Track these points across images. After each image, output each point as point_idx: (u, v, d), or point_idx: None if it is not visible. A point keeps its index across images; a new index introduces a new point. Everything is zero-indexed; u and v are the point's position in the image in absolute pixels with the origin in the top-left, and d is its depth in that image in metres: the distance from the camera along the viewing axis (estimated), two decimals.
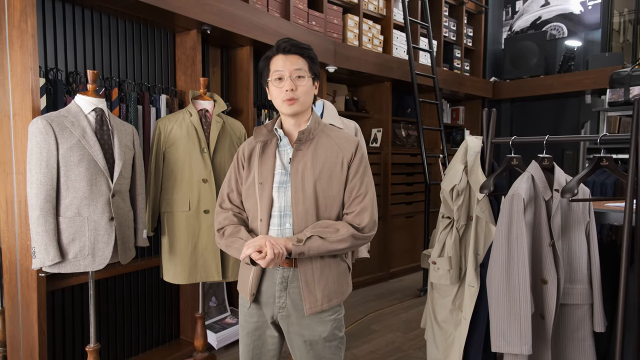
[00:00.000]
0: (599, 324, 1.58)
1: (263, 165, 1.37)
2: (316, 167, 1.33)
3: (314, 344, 1.37)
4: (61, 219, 1.74)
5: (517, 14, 5.53)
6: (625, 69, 3.22)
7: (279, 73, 1.32)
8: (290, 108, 1.33)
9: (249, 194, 1.39)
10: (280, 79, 1.33)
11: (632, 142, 1.42)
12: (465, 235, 1.92)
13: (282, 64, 1.32)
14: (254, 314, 1.43)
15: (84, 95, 1.83)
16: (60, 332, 2.23)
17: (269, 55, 1.36)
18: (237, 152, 1.46)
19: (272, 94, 1.36)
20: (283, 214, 1.34)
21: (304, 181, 1.32)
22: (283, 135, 1.39)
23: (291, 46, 1.33)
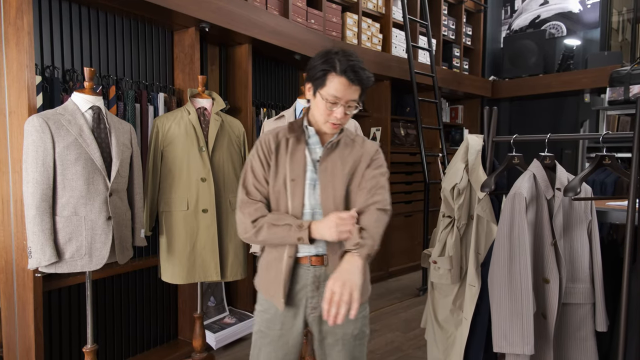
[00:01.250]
0: (601, 323, 1.57)
1: (294, 162, 1.34)
2: (345, 167, 1.35)
3: (346, 342, 1.38)
4: (58, 219, 1.72)
5: (516, 12, 5.52)
6: (625, 68, 3.22)
7: (336, 99, 1.27)
8: (332, 130, 1.33)
9: (278, 190, 1.34)
10: (334, 104, 1.28)
11: (636, 140, 1.41)
12: (466, 235, 1.91)
13: (343, 93, 1.27)
14: (277, 321, 1.37)
15: (80, 93, 1.81)
16: (57, 332, 2.21)
17: (329, 69, 1.26)
18: (259, 142, 1.38)
19: (319, 107, 1.31)
20: (313, 212, 1.33)
21: (335, 180, 1.33)
22: (314, 133, 1.36)
23: (357, 79, 1.27)
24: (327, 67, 1.26)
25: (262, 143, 1.38)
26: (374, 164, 1.38)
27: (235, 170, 2.31)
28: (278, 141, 1.37)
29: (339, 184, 1.33)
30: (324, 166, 1.33)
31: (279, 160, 1.35)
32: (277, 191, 1.34)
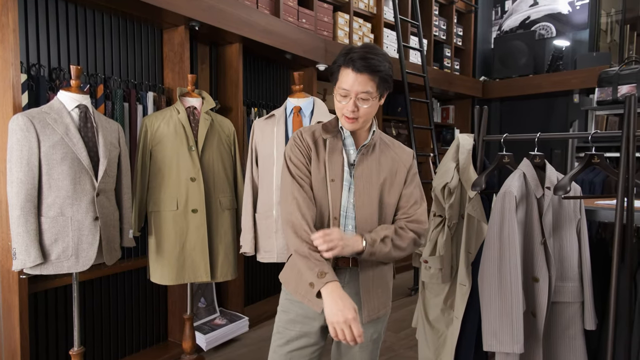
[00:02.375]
0: (589, 321, 1.58)
1: (333, 162, 1.31)
2: (381, 173, 1.33)
3: (365, 346, 1.36)
4: (43, 219, 1.69)
5: (507, 13, 5.55)
6: (613, 68, 3.25)
7: (345, 92, 1.25)
8: (349, 125, 1.29)
9: (319, 188, 1.31)
10: (345, 97, 1.26)
11: (624, 139, 1.42)
12: (456, 234, 1.91)
13: (350, 84, 1.23)
14: (297, 322, 1.34)
15: (67, 91, 1.78)
16: (43, 335, 2.17)
17: (339, 63, 1.26)
18: (295, 138, 1.34)
19: (335, 104, 1.31)
20: (346, 215, 1.31)
21: (370, 185, 1.31)
22: (349, 134, 1.34)
23: (364, 66, 1.21)
24: (339, 62, 1.26)
25: (299, 138, 1.34)
26: (410, 175, 1.37)
27: (225, 170, 2.29)
28: (315, 139, 1.34)
29: (374, 191, 1.31)
30: (360, 171, 1.31)
31: (319, 157, 1.32)
32: (317, 187, 1.31)
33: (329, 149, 1.32)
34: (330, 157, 1.31)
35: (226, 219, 2.27)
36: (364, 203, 1.30)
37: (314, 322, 1.34)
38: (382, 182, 1.33)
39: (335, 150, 1.32)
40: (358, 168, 1.31)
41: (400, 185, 1.36)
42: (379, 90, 1.26)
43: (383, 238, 1.26)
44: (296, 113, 2.11)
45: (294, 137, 1.36)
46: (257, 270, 3.42)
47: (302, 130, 1.37)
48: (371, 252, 1.25)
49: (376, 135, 1.36)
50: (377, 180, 1.32)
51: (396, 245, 1.28)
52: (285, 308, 1.38)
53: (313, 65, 3.47)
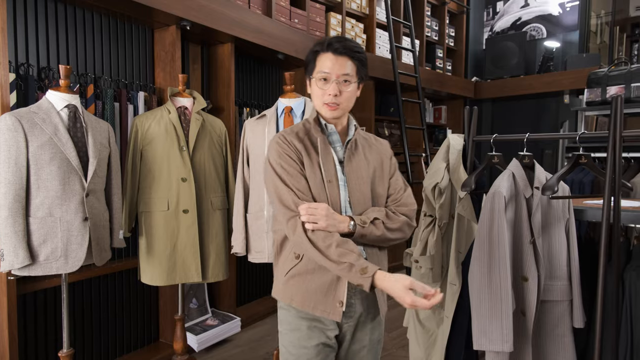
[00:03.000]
0: (578, 319, 1.60)
1: (327, 162, 1.27)
2: (369, 167, 1.33)
3: (371, 348, 1.35)
4: (31, 220, 1.67)
5: (498, 14, 5.59)
6: (602, 70, 3.28)
7: (325, 74, 1.24)
8: (330, 113, 1.27)
9: (318, 192, 1.25)
10: (325, 80, 1.25)
11: (610, 140, 1.44)
12: (447, 234, 1.92)
13: (331, 66, 1.24)
14: (313, 335, 1.26)
15: (56, 91, 1.77)
16: (32, 337, 2.15)
17: (317, 49, 1.27)
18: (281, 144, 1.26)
19: (314, 92, 1.28)
20: (345, 213, 1.27)
21: (362, 181, 1.30)
22: (334, 130, 1.31)
23: (343, 48, 1.24)
24: (314, 51, 1.27)
25: (285, 143, 1.27)
26: (393, 166, 1.40)
27: (217, 170, 2.28)
28: (301, 140, 1.29)
29: (366, 186, 1.30)
30: (350, 168, 1.30)
31: (312, 159, 1.27)
32: (316, 192, 1.25)
33: (321, 149, 1.28)
34: (324, 157, 1.28)
35: (217, 219, 2.26)
36: (359, 199, 1.28)
37: (331, 325, 1.28)
38: (372, 176, 1.33)
39: (326, 149, 1.29)
40: (348, 165, 1.30)
41: (387, 176, 1.37)
42: (358, 74, 1.28)
43: (374, 220, 1.25)
44: (287, 113, 2.11)
45: (278, 142, 1.27)
46: (249, 270, 3.42)
47: (285, 134, 1.30)
48: (362, 234, 1.22)
49: (358, 129, 1.36)
50: (367, 175, 1.32)
51: (388, 228, 1.26)
52: (294, 326, 1.29)
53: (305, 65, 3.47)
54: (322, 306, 1.23)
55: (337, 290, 1.22)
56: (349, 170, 1.29)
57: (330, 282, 1.23)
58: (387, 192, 1.36)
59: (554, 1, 5.14)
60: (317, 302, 1.23)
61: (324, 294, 1.23)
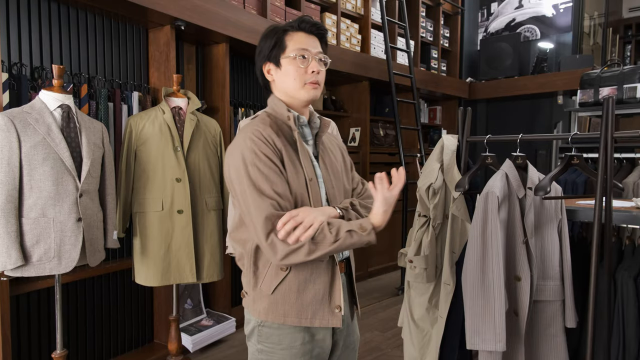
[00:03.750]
0: (570, 319, 1.61)
1: (306, 159, 1.17)
2: (337, 160, 1.28)
3: (355, 348, 1.31)
4: (24, 220, 1.66)
5: (492, 15, 5.62)
6: (595, 71, 3.31)
7: (304, 52, 1.14)
8: (313, 92, 1.17)
9: (301, 194, 1.14)
10: (305, 58, 1.15)
11: (602, 141, 1.45)
12: (441, 234, 1.93)
13: (307, 45, 1.15)
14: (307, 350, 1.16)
15: (49, 91, 1.76)
16: (25, 338, 2.14)
17: (285, 29, 1.17)
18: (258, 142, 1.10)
19: (290, 73, 1.15)
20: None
21: (335, 176, 1.24)
22: (306, 123, 1.22)
23: (314, 26, 1.17)
24: (281, 31, 1.17)
25: (262, 140, 1.11)
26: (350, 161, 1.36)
27: (211, 171, 2.28)
28: (278, 135, 1.16)
29: (340, 182, 1.25)
30: (324, 163, 1.22)
31: (292, 157, 1.15)
32: (299, 194, 1.13)
33: (299, 146, 1.17)
34: (303, 154, 1.17)
35: (212, 219, 2.26)
36: (335, 196, 1.21)
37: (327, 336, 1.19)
38: (341, 169, 1.28)
39: (301, 144, 1.18)
40: (321, 160, 1.22)
41: (349, 170, 1.33)
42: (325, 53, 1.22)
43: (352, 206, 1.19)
44: None
45: (253, 140, 1.10)
46: None
47: (260, 129, 1.13)
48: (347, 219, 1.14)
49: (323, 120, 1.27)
50: (338, 169, 1.26)
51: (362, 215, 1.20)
52: (287, 344, 1.15)
53: None
54: (320, 315, 1.14)
55: (332, 296, 1.15)
56: (323, 166, 1.22)
57: (325, 289, 1.15)
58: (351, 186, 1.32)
59: (548, 2, 5.17)
60: (314, 312, 1.14)
61: (319, 302, 1.14)
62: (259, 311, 1.16)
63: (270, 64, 1.19)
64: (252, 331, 1.19)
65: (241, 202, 1.10)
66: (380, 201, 1.10)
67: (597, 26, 5.23)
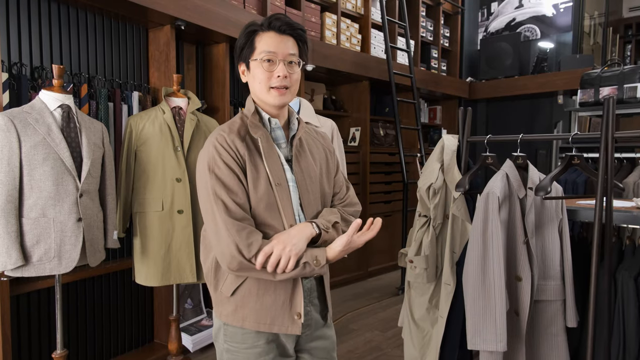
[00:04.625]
0: (571, 319, 1.61)
1: (273, 163, 1.14)
2: (316, 165, 1.23)
3: (331, 350, 1.29)
4: (24, 220, 1.66)
5: (492, 15, 5.62)
6: (595, 70, 3.31)
7: (271, 55, 1.11)
8: (280, 98, 1.13)
9: (266, 200, 1.11)
10: (271, 62, 1.11)
11: (602, 141, 1.45)
12: (441, 234, 1.93)
13: (276, 45, 1.11)
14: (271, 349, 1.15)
15: (49, 91, 1.75)
16: (25, 338, 2.14)
17: (254, 29, 1.13)
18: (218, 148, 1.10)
19: (256, 76, 1.13)
20: (298, 215, 1.16)
21: (311, 181, 1.20)
22: (278, 125, 1.18)
23: (286, 25, 1.12)
24: (251, 31, 1.13)
25: (225, 147, 1.10)
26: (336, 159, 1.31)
27: None
28: (243, 140, 1.14)
29: (316, 186, 1.21)
30: (299, 167, 1.18)
31: (256, 162, 1.12)
32: (262, 199, 1.11)
33: (264, 149, 1.13)
34: (268, 158, 1.13)
35: None
36: (310, 201, 1.18)
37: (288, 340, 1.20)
38: (319, 173, 1.23)
39: (270, 148, 1.15)
40: (296, 164, 1.18)
41: (332, 173, 1.29)
42: (302, 56, 1.17)
43: (334, 224, 1.16)
44: None
45: (216, 146, 1.10)
46: None
47: (225, 134, 1.12)
48: (325, 240, 1.13)
49: (301, 122, 1.24)
50: (316, 174, 1.22)
51: (342, 232, 1.18)
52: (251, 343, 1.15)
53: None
54: (279, 322, 1.13)
55: (293, 302, 1.13)
56: (298, 170, 1.18)
57: (285, 295, 1.13)
58: (332, 189, 1.29)
59: (548, 2, 5.17)
60: (274, 318, 1.13)
61: (279, 308, 1.13)
62: (220, 313, 1.18)
63: (243, 64, 1.17)
64: (218, 331, 1.21)
65: (202, 207, 1.12)
66: (344, 242, 1.11)
67: (598, 26, 5.23)
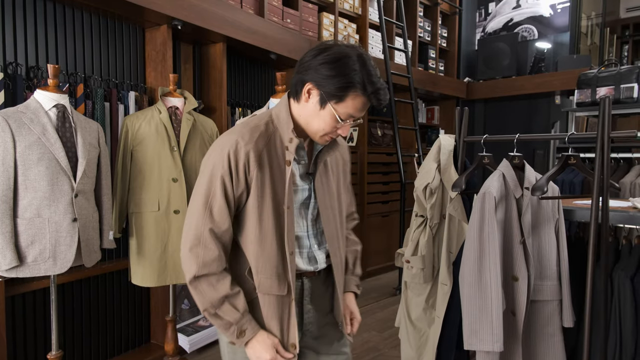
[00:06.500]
0: (567, 319, 1.61)
1: (283, 183, 1.11)
2: (334, 178, 1.23)
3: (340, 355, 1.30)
4: (19, 221, 1.65)
5: (490, 15, 5.63)
6: (592, 71, 3.31)
7: (353, 118, 1.10)
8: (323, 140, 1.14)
9: (271, 222, 1.09)
10: (347, 120, 1.09)
11: (599, 141, 1.45)
12: (438, 234, 1.93)
13: (360, 113, 1.10)
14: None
15: (44, 90, 1.75)
16: (21, 339, 2.13)
17: (351, 86, 1.05)
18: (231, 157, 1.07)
19: (325, 121, 1.09)
20: (308, 234, 1.17)
21: (331, 196, 1.20)
22: (303, 145, 1.16)
23: (379, 103, 1.10)
24: (349, 83, 1.05)
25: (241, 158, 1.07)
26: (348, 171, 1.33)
27: None
28: (259, 154, 1.08)
29: (335, 201, 1.21)
30: (320, 183, 1.17)
31: (264, 178, 1.09)
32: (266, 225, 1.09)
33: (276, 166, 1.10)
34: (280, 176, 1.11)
35: None
36: (329, 218, 1.18)
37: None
38: (336, 189, 1.23)
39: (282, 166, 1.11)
40: (318, 180, 1.17)
41: (348, 186, 1.30)
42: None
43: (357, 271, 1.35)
44: None
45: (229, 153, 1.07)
46: None
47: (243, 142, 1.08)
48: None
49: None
50: (335, 189, 1.22)
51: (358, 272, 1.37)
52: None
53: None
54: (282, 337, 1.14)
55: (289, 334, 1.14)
56: (319, 186, 1.17)
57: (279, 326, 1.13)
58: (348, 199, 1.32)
59: (545, 2, 5.18)
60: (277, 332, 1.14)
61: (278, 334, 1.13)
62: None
63: (318, 92, 1.08)
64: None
65: (192, 199, 1.12)
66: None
67: (595, 26, 5.24)
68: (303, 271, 1.17)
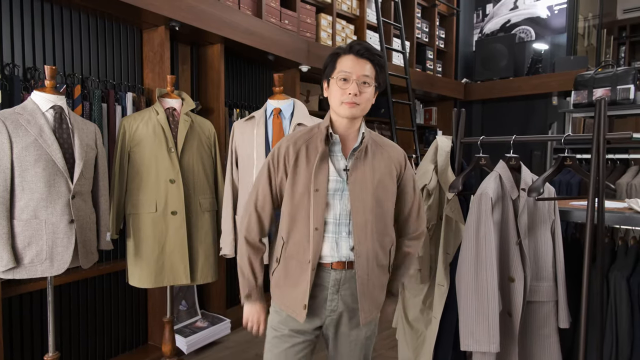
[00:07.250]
0: (563, 320, 1.61)
1: (318, 171, 1.31)
2: (375, 177, 1.34)
3: (359, 343, 1.42)
4: (16, 222, 1.65)
5: (488, 17, 5.64)
6: (589, 72, 3.33)
7: (346, 74, 1.29)
8: (349, 111, 1.30)
9: (299, 200, 1.32)
10: (346, 80, 1.29)
11: (594, 142, 1.46)
12: (435, 235, 1.93)
13: (351, 66, 1.29)
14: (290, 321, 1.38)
15: (41, 92, 1.74)
16: (17, 340, 2.12)
17: (338, 52, 1.33)
18: (276, 152, 1.36)
19: (332, 92, 1.32)
20: (339, 222, 1.32)
21: (364, 191, 1.32)
22: (338, 140, 1.34)
23: (365, 50, 1.30)
24: (334, 53, 1.33)
25: (279, 153, 1.35)
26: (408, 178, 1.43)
27: (206, 172, 2.27)
28: (298, 149, 1.34)
29: (369, 197, 1.32)
30: (354, 177, 1.32)
31: (299, 169, 1.32)
32: (299, 202, 1.32)
33: (313, 158, 1.32)
34: (316, 166, 1.31)
35: (206, 221, 2.25)
36: (359, 209, 1.31)
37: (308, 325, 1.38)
38: (376, 186, 1.34)
39: (322, 158, 1.32)
40: (352, 173, 1.32)
41: (393, 188, 1.39)
42: (377, 79, 1.32)
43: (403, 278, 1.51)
44: (276, 115, 2.11)
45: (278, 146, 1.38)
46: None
47: (285, 140, 1.38)
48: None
49: (367, 137, 1.37)
50: (371, 185, 1.33)
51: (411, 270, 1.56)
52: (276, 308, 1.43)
53: (296, 66, 3.47)
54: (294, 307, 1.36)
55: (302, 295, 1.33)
56: (352, 179, 1.31)
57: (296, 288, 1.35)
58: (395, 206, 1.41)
59: (543, 4, 5.19)
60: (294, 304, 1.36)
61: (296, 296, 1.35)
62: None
63: (325, 82, 1.35)
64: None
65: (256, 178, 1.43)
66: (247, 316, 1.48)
67: (592, 27, 5.26)
68: (327, 256, 1.32)
